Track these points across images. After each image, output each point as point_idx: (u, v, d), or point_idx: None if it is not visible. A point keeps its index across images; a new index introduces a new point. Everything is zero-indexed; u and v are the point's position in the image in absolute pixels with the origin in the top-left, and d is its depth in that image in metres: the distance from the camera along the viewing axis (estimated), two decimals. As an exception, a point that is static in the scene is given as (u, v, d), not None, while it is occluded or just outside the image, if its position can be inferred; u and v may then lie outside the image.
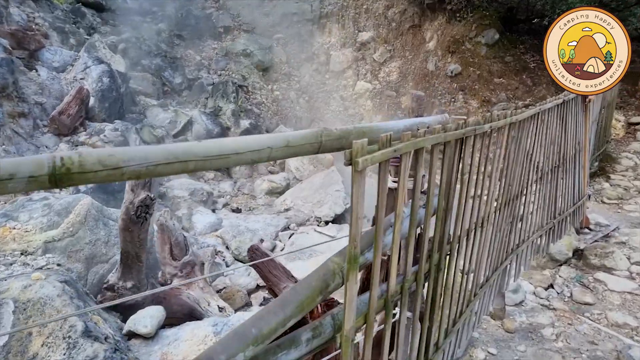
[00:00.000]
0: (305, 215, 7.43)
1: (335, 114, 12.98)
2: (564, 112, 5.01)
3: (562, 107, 4.95)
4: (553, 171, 5.11)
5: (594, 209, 8.04)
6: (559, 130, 4.94)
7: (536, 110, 3.77)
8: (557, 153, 5.11)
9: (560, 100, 4.69)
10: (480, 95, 11.08)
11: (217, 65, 11.93)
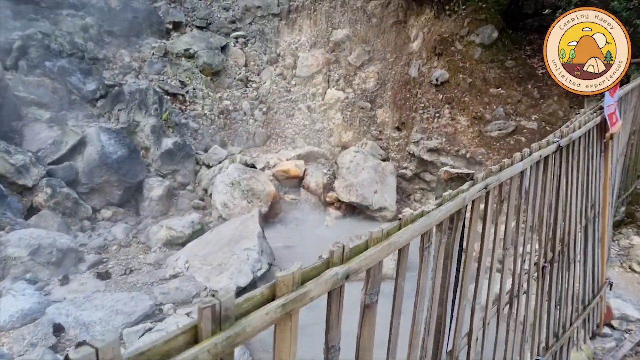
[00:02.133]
0: (195, 287, 5.20)
1: (298, 128, 10.72)
2: (566, 161, 2.70)
3: (562, 155, 2.64)
4: (549, 266, 2.81)
5: (619, 284, 5.61)
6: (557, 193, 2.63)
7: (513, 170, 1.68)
8: (551, 238, 2.79)
9: (552, 147, 2.39)
10: (470, 110, 8.68)
11: (150, 69, 9.81)
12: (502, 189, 1.97)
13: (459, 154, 8.57)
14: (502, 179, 1.86)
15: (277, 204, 8.18)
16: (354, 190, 8.49)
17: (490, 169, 1.82)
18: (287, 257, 6.84)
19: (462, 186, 1.57)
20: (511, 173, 1.97)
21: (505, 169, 1.89)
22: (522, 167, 2.09)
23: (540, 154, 2.32)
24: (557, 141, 2.55)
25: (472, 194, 1.60)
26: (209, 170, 8.49)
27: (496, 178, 1.78)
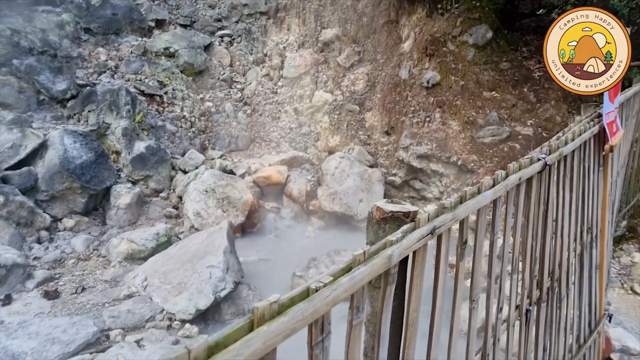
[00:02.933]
0: (150, 309, 4.70)
1: (284, 132, 10.23)
2: (556, 180, 2.22)
3: (550, 173, 2.15)
4: (534, 309, 2.32)
5: (620, 308, 5.10)
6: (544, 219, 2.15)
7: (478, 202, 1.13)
8: (538, 274, 2.30)
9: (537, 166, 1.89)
10: (462, 115, 8.18)
11: (127, 68, 9.32)
12: (464, 226, 1.47)
13: (450, 160, 8.08)
14: (461, 216, 1.37)
15: (255, 212, 7.69)
16: (337, 198, 7.99)
17: (443, 203, 1.32)
18: (261, 271, 6.34)
19: (392, 235, 1.08)
20: (476, 206, 1.48)
21: (466, 202, 1.41)
22: (493, 196, 1.60)
23: (520, 176, 1.83)
24: (543, 158, 2.05)
25: (409, 244, 1.11)
26: (184, 176, 8.00)
27: (450, 216, 1.30)
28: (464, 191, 1.44)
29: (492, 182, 1.64)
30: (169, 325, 4.61)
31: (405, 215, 1.20)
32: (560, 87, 8.45)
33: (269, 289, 5.79)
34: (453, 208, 1.33)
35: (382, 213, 1.21)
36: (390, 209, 1.21)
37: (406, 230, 1.14)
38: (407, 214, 1.20)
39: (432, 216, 1.23)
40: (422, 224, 1.18)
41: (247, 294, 5.31)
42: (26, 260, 5.31)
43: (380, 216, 1.22)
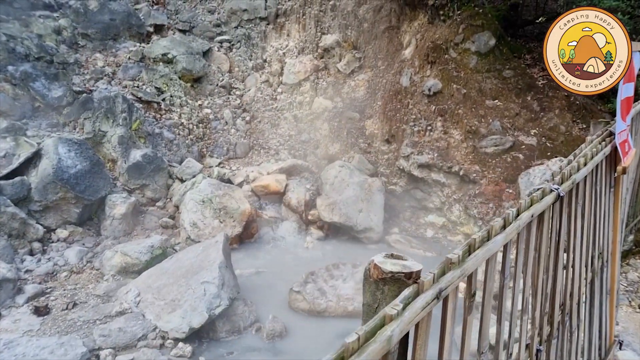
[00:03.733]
0: (142, 327, 4.55)
1: (283, 139, 10.09)
2: (567, 208, 2.07)
3: (562, 203, 2.00)
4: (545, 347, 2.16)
5: (628, 328, 4.94)
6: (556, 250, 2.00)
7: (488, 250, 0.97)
8: (549, 310, 2.13)
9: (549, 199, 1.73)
10: (464, 123, 8.03)
11: (124, 74, 9.19)
12: (473, 279, 1.33)
13: (452, 170, 7.93)
14: (470, 271, 1.23)
15: (253, 223, 7.54)
16: (337, 208, 7.84)
17: (449, 258, 1.18)
18: (258, 284, 6.19)
19: (391, 306, 0.93)
20: (486, 255, 1.34)
21: (475, 252, 1.26)
22: (505, 240, 1.46)
23: (533, 212, 1.68)
24: (555, 189, 1.91)
25: (411, 317, 0.96)
26: (181, 185, 7.85)
27: (458, 273, 1.15)
28: (472, 239, 1.29)
29: (502, 222, 1.50)
30: (162, 344, 4.46)
31: (407, 276, 1.05)
32: (565, 96, 8.32)
33: (266, 304, 5.64)
34: (461, 262, 1.18)
35: (381, 272, 1.06)
36: (389, 268, 1.06)
37: (408, 297, 0.99)
38: (409, 274, 1.05)
39: (437, 275, 1.09)
40: (427, 287, 1.03)
41: (242, 311, 5.16)
42: (17, 274, 5.16)
43: (378, 276, 1.07)
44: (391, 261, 1.11)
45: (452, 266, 1.16)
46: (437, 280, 1.08)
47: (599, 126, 3.36)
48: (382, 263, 1.09)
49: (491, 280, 1.46)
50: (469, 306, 1.34)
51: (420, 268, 1.09)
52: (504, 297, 1.59)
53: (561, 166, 2.27)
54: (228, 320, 4.97)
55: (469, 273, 1.23)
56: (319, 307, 5.45)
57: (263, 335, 4.98)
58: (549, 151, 7.35)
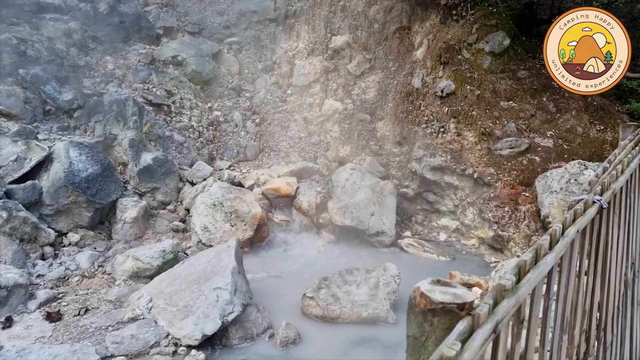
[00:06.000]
0: (155, 334, 4.48)
1: (293, 141, 10.02)
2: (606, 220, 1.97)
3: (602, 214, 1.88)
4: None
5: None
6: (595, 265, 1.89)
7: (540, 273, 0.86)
8: (586, 328, 2.02)
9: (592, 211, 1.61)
10: (478, 125, 7.90)
11: (134, 77, 9.17)
12: (522, 304, 1.23)
13: (466, 173, 7.80)
14: (523, 297, 1.13)
15: (264, 226, 7.46)
16: (348, 212, 7.74)
17: (502, 285, 1.08)
18: (270, 289, 6.11)
19: (449, 347, 0.83)
20: (539, 278, 1.24)
21: (527, 277, 1.16)
22: (555, 260, 1.35)
23: (578, 227, 1.58)
24: (598, 201, 1.80)
25: (470, 357, 0.86)
26: (192, 189, 7.80)
27: (513, 301, 1.05)
28: (522, 261, 1.19)
29: (548, 240, 1.39)
30: (175, 352, 4.39)
31: (459, 308, 0.96)
32: (581, 97, 8.14)
33: (279, 310, 5.55)
34: (515, 289, 1.09)
35: (429, 302, 0.97)
36: (439, 298, 0.96)
37: (463, 332, 0.89)
38: (462, 305, 0.96)
39: (492, 306, 0.99)
40: (483, 320, 0.93)
41: (255, 317, 5.08)
42: (29, 279, 5.12)
43: (426, 306, 0.97)
44: (440, 289, 1.01)
45: (506, 294, 1.06)
46: (492, 311, 0.98)
47: (629, 130, 3.23)
48: (430, 291, 1.00)
49: (538, 305, 1.36)
50: (517, 333, 1.24)
51: (473, 298, 0.99)
52: (547, 320, 1.49)
53: (597, 174, 2.16)
54: (241, 326, 4.89)
55: (523, 299, 1.14)
56: (333, 314, 5.35)
57: (276, 342, 4.89)
58: (566, 153, 7.19)
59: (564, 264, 1.59)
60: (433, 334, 0.98)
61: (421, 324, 1.00)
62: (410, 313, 1.03)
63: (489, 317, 0.96)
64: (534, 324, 1.36)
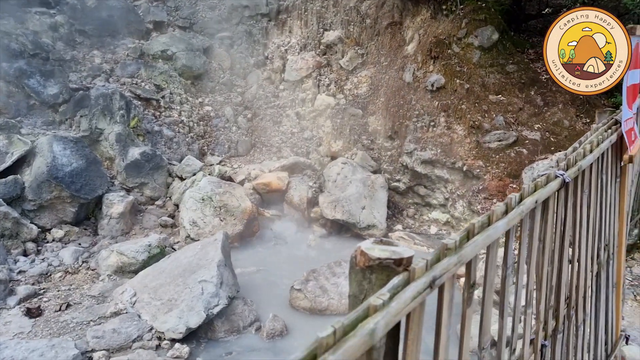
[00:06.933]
0: (137, 328, 4.46)
1: (286, 137, 10.00)
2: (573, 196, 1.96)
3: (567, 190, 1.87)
4: (550, 342, 2.04)
5: (633, 323, 4.80)
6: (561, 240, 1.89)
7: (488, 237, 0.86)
8: (554, 304, 2.02)
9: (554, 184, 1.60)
10: (468, 119, 7.90)
11: (122, 71, 9.13)
12: (472, 267, 1.22)
13: (455, 166, 7.80)
14: (468, 257, 1.12)
15: (254, 221, 7.44)
16: (339, 206, 7.73)
17: (445, 243, 1.07)
18: (258, 283, 6.09)
19: (377, 296, 0.82)
20: (487, 241, 1.23)
21: (474, 238, 1.15)
22: (507, 227, 1.34)
23: (537, 198, 1.57)
24: (561, 175, 1.79)
25: (400, 308, 0.85)
26: (181, 184, 7.77)
27: (455, 259, 1.04)
28: (471, 224, 1.18)
29: (504, 208, 1.39)
30: (158, 345, 4.37)
31: (396, 263, 0.94)
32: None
33: (267, 303, 5.54)
34: (458, 248, 1.07)
35: (368, 259, 0.95)
36: (377, 255, 0.95)
37: (397, 286, 0.88)
38: (399, 261, 0.95)
39: (431, 262, 0.98)
40: (419, 274, 0.92)
41: (242, 310, 5.06)
42: (9, 275, 5.09)
43: (365, 263, 0.96)
44: (380, 247, 1.00)
45: (448, 252, 1.05)
46: (431, 267, 0.97)
47: (604, 115, 3.24)
48: (370, 249, 0.99)
49: (492, 271, 1.35)
50: (468, 298, 1.23)
51: (412, 254, 0.98)
52: (506, 290, 1.48)
53: (567, 153, 2.16)
54: (227, 319, 4.87)
55: (467, 260, 1.12)
56: (321, 306, 5.34)
57: (263, 335, 4.88)
58: (552, 146, 7.21)
59: (524, 235, 1.58)
60: (371, 291, 0.97)
61: (360, 282, 0.99)
62: (351, 272, 1.02)
63: (425, 272, 0.94)
64: (488, 290, 1.35)
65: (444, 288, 1.04)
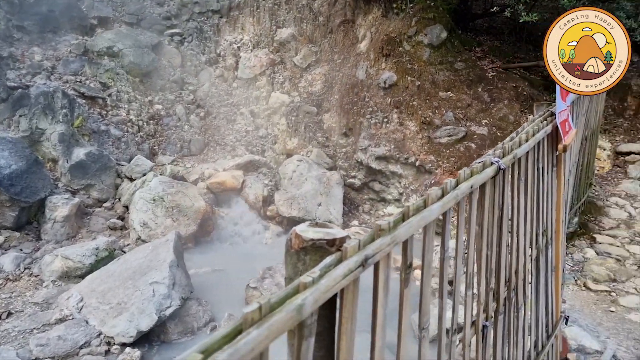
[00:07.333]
0: (85, 334, 4.26)
1: (240, 135, 9.86)
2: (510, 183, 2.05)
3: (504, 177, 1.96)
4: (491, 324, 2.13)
5: (574, 306, 5.11)
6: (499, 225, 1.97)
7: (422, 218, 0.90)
8: (494, 286, 2.11)
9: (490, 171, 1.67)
10: (419, 115, 8.12)
11: (65, 69, 8.67)
12: (408, 247, 1.25)
13: (409, 161, 8.00)
14: (402, 238, 1.15)
15: (209, 220, 7.30)
16: (295, 203, 7.72)
17: (378, 224, 1.09)
18: (214, 283, 5.98)
19: (308, 274, 0.83)
20: (421, 223, 1.26)
21: (409, 219, 1.18)
22: (442, 209, 1.39)
23: (472, 183, 1.63)
24: (496, 162, 1.88)
25: (330, 285, 0.86)
26: (130, 184, 7.49)
27: (388, 240, 1.06)
28: (406, 207, 1.21)
29: (440, 192, 1.43)
30: (107, 351, 4.19)
31: (329, 244, 0.95)
32: (513, 87, 8.55)
33: (222, 302, 5.45)
34: (392, 229, 1.10)
35: (302, 241, 0.96)
36: (310, 236, 0.95)
37: (328, 265, 0.89)
38: (332, 241, 0.95)
39: (364, 242, 0.99)
40: (351, 253, 0.93)
41: (196, 310, 4.95)
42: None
43: (299, 245, 0.96)
44: (314, 229, 1.00)
45: (382, 233, 1.07)
46: (364, 247, 0.98)
47: (542, 108, 3.41)
48: (304, 231, 0.99)
49: (430, 252, 1.39)
50: (405, 279, 1.26)
51: (346, 235, 0.99)
52: (444, 272, 1.53)
53: (504, 142, 2.26)
54: (180, 321, 4.75)
55: (401, 240, 1.15)
56: (277, 303, 5.31)
57: (218, 335, 4.78)
58: (499, 140, 7.52)
59: (461, 219, 1.64)
60: (305, 272, 0.96)
61: (295, 264, 0.99)
62: (287, 255, 1.02)
63: (358, 252, 0.96)
64: (427, 272, 1.39)
65: (379, 268, 1.06)
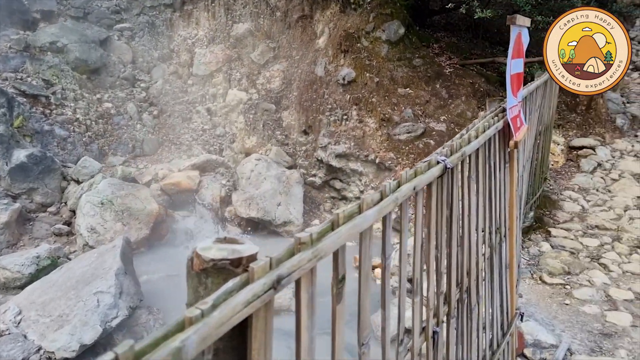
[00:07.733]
0: (23, 349, 3.92)
1: (196, 134, 9.53)
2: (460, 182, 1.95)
3: (452, 175, 1.85)
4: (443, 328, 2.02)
5: (530, 300, 5.19)
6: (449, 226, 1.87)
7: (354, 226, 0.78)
8: (445, 289, 1.99)
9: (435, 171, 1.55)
10: (378, 112, 8.08)
11: (4, 65, 8.08)
12: (340, 259, 1.12)
13: (369, 159, 7.95)
14: (327, 251, 1.01)
15: (163, 223, 6.98)
16: (254, 203, 7.52)
17: (299, 237, 0.95)
18: (167, 290, 5.70)
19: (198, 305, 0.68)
20: (352, 231, 1.14)
21: (337, 230, 1.05)
22: (379, 215, 1.27)
23: (415, 185, 1.53)
24: (442, 161, 1.78)
25: (224, 318, 0.71)
26: (77, 187, 7.06)
27: (309, 255, 0.93)
28: (336, 214, 1.09)
29: (378, 196, 1.31)
30: (45, 368, 3.88)
31: (233, 264, 0.80)
32: (470, 83, 8.63)
33: (176, 310, 5.17)
34: (315, 241, 0.96)
35: (202, 262, 0.80)
36: (211, 255, 0.80)
37: (229, 291, 0.74)
38: (237, 261, 0.80)
39: (278, 260, 0.85)
40: (259, 275, 0.79)
41: (146, 319, 4.68)
42: None
43: (199, 266, 0.80)
44: (218, 246, 0.85)
45: (303, 247, 0.93)
46: (277, 265, 0.84)
47: (494, 103, 3.38)
48: (205, 250, 0.83)
49: (367, 261, 1.27)
50: (337, 294, 1.13)
51: (255, 252, 0.84)
52: (386, 281, 1.42)
53: (453, 140, 2.18)
54: (129, 331, 4.47)
55: (326, 254, 1.02)
56: (234, 308, 5.11)
57: (171, 345, 4.54)
58: (457, 136, 7.61)
59: (404, 223, 1.54)
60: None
61: (196, 289, 0.83)
62: (188, 278, 0.86)
63: (269, 272, 0.81)
64: (364, 283, 1.27)
65: (300, 287, 0.92)
